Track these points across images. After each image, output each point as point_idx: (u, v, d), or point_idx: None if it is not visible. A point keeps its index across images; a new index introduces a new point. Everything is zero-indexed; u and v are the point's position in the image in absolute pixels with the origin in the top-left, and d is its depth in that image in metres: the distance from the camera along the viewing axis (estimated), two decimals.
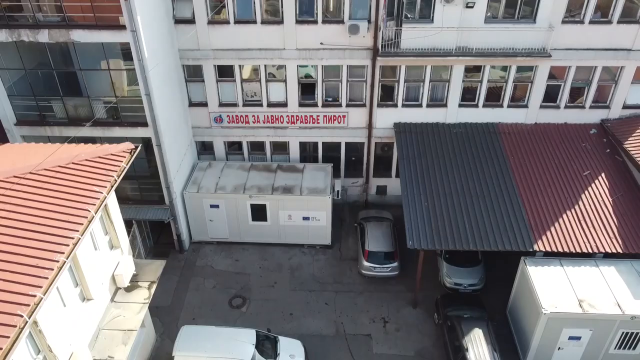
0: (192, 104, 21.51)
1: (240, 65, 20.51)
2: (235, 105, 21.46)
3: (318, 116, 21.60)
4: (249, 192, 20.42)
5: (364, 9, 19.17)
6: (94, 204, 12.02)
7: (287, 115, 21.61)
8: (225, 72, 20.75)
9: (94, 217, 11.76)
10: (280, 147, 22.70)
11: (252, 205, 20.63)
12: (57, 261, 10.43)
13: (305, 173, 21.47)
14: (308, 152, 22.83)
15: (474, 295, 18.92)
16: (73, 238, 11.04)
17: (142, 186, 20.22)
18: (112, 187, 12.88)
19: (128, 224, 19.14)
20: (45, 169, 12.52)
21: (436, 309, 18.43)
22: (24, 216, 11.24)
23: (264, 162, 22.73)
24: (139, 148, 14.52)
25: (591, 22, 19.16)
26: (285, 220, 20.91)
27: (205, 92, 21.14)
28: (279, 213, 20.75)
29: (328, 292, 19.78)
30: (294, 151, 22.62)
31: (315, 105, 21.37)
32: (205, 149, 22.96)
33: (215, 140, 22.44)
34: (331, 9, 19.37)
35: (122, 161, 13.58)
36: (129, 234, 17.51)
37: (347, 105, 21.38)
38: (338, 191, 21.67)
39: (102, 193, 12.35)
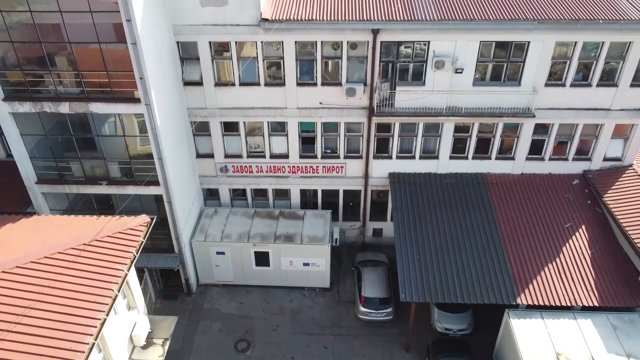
0: (199, 155, 22.92)
1: (244, 122, 21.90)
2: (239, 156, 22.87)
3: (317, 166, 22.99)
4: (253, 241, 21.82)
5: (361, 72, 20.56)
6: (117, 282, 13.42)
7: (289, 166, 23.01)
8: (230, 127, 22.15)
9: (117, 295, 13.16)
10: (282, 194, 24.12)
11: (256, 252, 22.03)
12: (87, 343, 11.83)
13: (305, 220, 22.86)
14: (308, 198, 24.25)
15: (463, 340, 20.34)
16: (100, 319, 12.44)
17: (153, 236, 21.45)
18: (132, 262, 14.28)
19: (139, 271, 20.58)
20: (72, 248, 13.92)
21: (427, 354, 19.83)
22: (55, 298, 12.64)
23: (266, 208, 24.15)
24: (154, 220, 15.90)
25: (572, 85, 20.53)
26: (287, 265, 22.32)
27: (211, 144, 22.55)
28: (280, 259, 22.16)
29: (327, 335, 21.17)
30: (295, 197, 24.04)
31: (315, 157, 22.77)
32: (211, 194, 24.38)
33: (221, 187, 23.85)
34: (330, 72, 20.75)
35: (140, 235, 14.99)
36: (140, 282, 18.93)
37: (345, 157, 22.78)
38: (336, 239, 23.04)
39: (123, 271, 13.75)
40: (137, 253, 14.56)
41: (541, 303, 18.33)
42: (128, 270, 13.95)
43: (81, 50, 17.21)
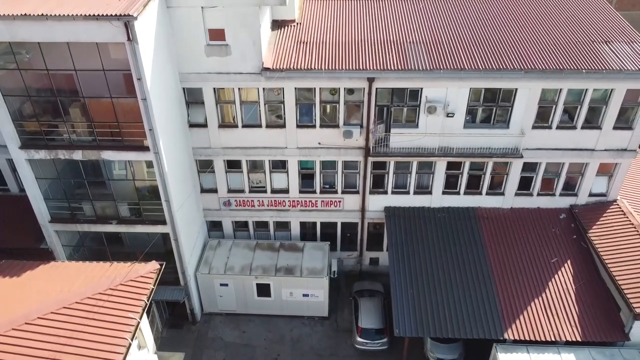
0: (203, 191, 24.01)
1: (246, 160, 22.98)
2: (242, 191, 23.97)
3: (316, 201, 24.09)
4: (255, 273, 22.92)
5: (357, 115, 21.64)
6: (130, 332, 14.50)
7: (289, 200, 24.10)
8: (233, 165, 23.24)
9: (131, 344, 14.24)
10: (283, 226, 25.23)
11: (258, 284, 23.13)
12: None
13: (305, 252, 23.95)
14: (308, 230, 25.35)
15: None
16: None
17: None
18: (143, 310, 15.36)
19: None
20: (88, 297, 15.00)
21: None
22: (74, 348, 13.70)
23: (267, 239, 25.26)
24: (163, 267, 16.98)
25: (558, 127, 21.61)
26: (287, 296, 23.41)
27: (215, 180, 23.63)
28: (281, 290, 23.26)
29: None
30: (295, 229, 25.14)
31: (314, 192, 23.87)
32: (214, 226, 25.47)
33: (224, 220, 24.95)
34: (328, 115, 21.84)
35: (150, 282, 16.06)
36: (148, 314, 20.00)
37: (343, 192, 23.88)
38: (334, 271, 24.12)
39: (135, 319, 14.83)
40: (148, 300, 15.63)
41: (527, 338, 19.40)
42: (140, 318, 15.02)
43: (93, 102, 18.28)
